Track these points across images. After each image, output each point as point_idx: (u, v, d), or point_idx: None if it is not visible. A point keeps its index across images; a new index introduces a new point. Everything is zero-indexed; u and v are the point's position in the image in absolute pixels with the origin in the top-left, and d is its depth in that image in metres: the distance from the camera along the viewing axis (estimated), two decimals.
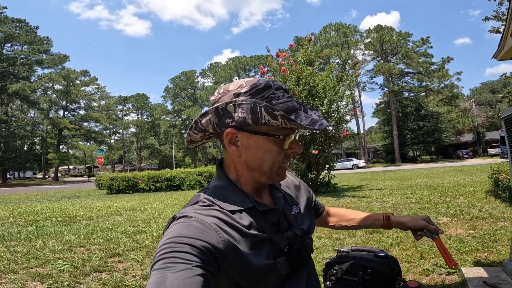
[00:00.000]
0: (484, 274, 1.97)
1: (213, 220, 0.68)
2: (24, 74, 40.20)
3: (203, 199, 0.75)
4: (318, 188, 9.56)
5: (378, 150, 49.13)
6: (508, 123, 1.87)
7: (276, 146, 0.73)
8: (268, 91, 0.72)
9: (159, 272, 0.56)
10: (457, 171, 15.16)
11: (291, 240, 0.76)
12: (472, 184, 8.37)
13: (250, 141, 0.73)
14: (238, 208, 0.73)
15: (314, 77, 9.35)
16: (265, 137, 0.72)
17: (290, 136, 0.73)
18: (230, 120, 0.71)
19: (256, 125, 0.71)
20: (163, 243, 0.62)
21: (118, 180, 14.90)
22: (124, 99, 63.36)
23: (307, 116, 0.72)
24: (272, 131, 0.72)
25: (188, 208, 0.72)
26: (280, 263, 0.72)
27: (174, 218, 0.70)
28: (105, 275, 2.90)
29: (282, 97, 0.72)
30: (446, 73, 38.73)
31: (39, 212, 7.71)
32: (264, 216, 0.76)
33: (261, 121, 0.69)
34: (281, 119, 0.68)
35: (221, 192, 0.76)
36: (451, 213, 4.72)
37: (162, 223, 5.45)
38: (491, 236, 3.25)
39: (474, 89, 61.82)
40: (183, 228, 0.64)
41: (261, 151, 0.73)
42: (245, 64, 55.21)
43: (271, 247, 0.73)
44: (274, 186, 0.85)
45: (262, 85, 0.72)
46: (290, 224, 0.80)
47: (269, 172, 0.75)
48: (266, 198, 0.82)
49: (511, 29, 2.53)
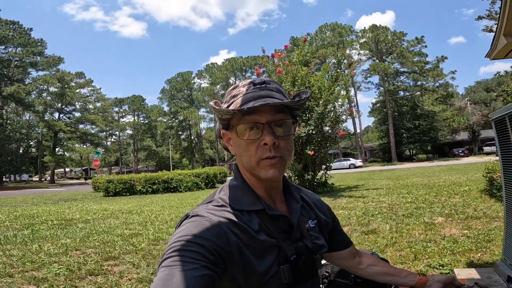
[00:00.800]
0: (476, 275, 1.98)
1: (224, 222, 0.69)
2: (19, 76, 39.94)
3: (218, 199, 0.77)
4: (314, 188, 9.58)
5: (375, 149, 49.31)
6: (498, 124, 1.89)
7: (238, 137, 0.74)
8: (236, 90, 0.76)
9: (167, 269, 0.57)
10: (452, 170, 15.26)
11: (300, 250, 0.76)
12: (468, 183, 8.43)
13: (232, 139, 0.78)
14: (248, 208, 0.74)
15: (310, 77, 9.37)
16: (233, 131, 0.75)
17: (241, 125, 0.73)
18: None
19: (226, 122, 0.77)
20: (174, 240, 0.63)
21: (115, 183, 14.83)
22: (120, 100, 63.07)
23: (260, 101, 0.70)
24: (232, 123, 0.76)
25: (202, 207, 0.75)
26: (283, 270, 0.72)
27: (187, 216, 0.72)
28: (100, 279, 2.89)
29: (246, 90, 0.74)
30: (440, 72, 39.00)
31: (35, 215, 7.67)
32: (273, 220, 0.76)
33: (218, 117, 0.76)
34: (212, 109, 0.74)
35: (235, 192, 0.78)
36: (446, 213, 4.76)
37: (159, 226, 5.44)
38: (485, 236, 3.28)
39: (468, 87, 62.20)
40: (195, 228, 0.66)
41: (237, 145, 0.76)
42: (241, 65, 55.20)
43: (278, 254, 0.73)
44: (293, 197, 0.84)
45: (232, 87, 0.79)
46: (303, 236, 0.80)
47: (250, 167, 0.75)
48: (280, 206, 0.81)
49: (503, 28, 2.54)
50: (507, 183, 1.91)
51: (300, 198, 0.87)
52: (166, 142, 58.92)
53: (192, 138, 62.06)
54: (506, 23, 2.43)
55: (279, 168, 0.73)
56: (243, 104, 0.71)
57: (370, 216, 5.01)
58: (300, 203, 0.85)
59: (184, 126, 60.54)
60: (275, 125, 0.72)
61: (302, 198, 0.89)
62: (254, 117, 0.71)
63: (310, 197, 0.95)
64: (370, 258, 1.03)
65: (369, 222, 4.56)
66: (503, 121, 1.78)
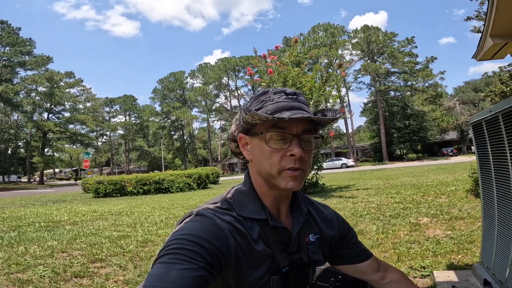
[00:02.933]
0: (454, 278, 2.01)
1: (226, 225, 0.70)
2: (7, 76, 39.23)
3: (224, 201, 0.77)
4: (305, 188, 9.64)
5: (366, 148, 49.78)
6: (476, 128, 1.93)
7: (265, 144, 0.73)
8: (265, 96, 0.76)
9: (164, 266, 0.57)
10: (441, 169, 15.50)
11: (294, 262, 0.77)
12: (454, 183, 8.58)
13: (252, 144, 0.77)
14: (252, 216, 0.75)
15: (301, 78, 9.42)
16: (257, 137, 0.75)
17: (272, 133, 0.73)
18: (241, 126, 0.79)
19: (250, 127, 0.76)
20: (175, 237, 0.63)
21: (105, 184, 14.68)
22: (111, 100, 62.36)
23: (296, 112, 0.71)
24: (258, 129, 0.75)
25: (207, 208, 0.75)
26: (273, 281, 0.73)
27: (191, 214, 0.72)
28: (86, 281, 2.88)
29: (278, 99, 0.75)
30: (430, 72, 39.61)
31: (22, 217, 7.55)
32: (274, 231, 0.76)
33: (244, 120, 0.74)
34: (248, 113, 0.70)
35: (241, 197, 0.78)
36: (431, 213, 4.84)
37: (148, 228, 5.41)
38: (467, 237, 3.33)
39: (457, 88, 63.26)
40: (198, 227, 0.66)
41: (258, 151, 0.75)
42: (234, 65, 55.10)
43: (271, 264, 0.74)
44: (299, 208, 0.84)
45: (260, 92, 0.78)
46: (300, 249, 0.81)
47: (269, 175, 0.75)
48: (285, 217, 0.82)
49: (490, 29, 2.59)
50: (484, 186, 1.96)
51: (307, 211, 0.87)
52: (158, 142, 58.50)
53: (185, 138, 61.71)
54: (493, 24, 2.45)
55: (299, 181, 0.74)
56: (275, 112, 0.71)
57: (358, 216, 5.06)
58: (305, 216, 0.85)
59: (176, 126, 60.16)
60: (303, 138, 0.74)
61: (309, 211, 0.89)
62: (287, 127, 0.72)
63: (321, 211, 0.95)
64: (396, 274, 1.00)
65: (357, 222, 4.61)
66: (480, 125, 1.82)
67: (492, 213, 1.75)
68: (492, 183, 1.71)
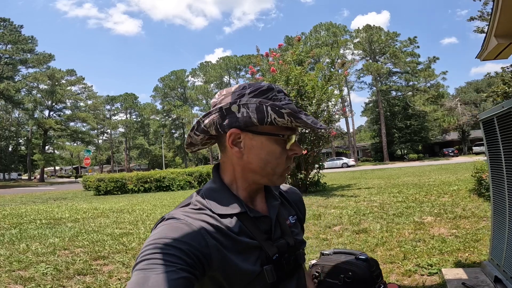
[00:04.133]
0: (463, 275, 2.00)
1: (201, 224, 0.67)
2: (8, 73, 39.20)
3: (195, 201, 0.74)
4: (307, 187, 9.62)
5: (367, 148, 49.72)
6: (487, 124, 1.91)
7: (279, 146, 0.73)
8: (271, 93, 0.73)
9: (141, 273, 0.55)
10: (442, 170, 15.46)
11: (282, 248, 0.76)
12: (457, 183, 8.54)
13: (253, 142, 0.73)
14: (229, 212, 0.73)
15: (303, 77, 9.39)
16: (269, 137, 0.72)
17: (292, 136, 0.74)
18: (234, 120, 0.72)
19: (261, 125, 0.72)
20: (148, 243, 0.61)
21: (106, 181, 14.67)
22: (112, 98, 62.36)
23: (308, 117, 0.72)
24: (275, 130, 0.72)
25: (178, 210, 0.72)
26: (266, 270, 0.71)
27: (163, 219, 0.70)
28: (89, 278, 2.86)
29: (284, 99, 0.74)
30: (432, 72, 39.51)
31: (23, 214, 7.54)
32: (255, 222, 0.75)
33: (267, 119, 0.70)
34: (287, 117, 0.68)
35: (214, 195, 0.75)
36: (435, 212, 4.81)
37: (150, 225, 5.39)
38: (473, 236, 3.32)
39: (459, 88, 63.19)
40: (170, 230, 0.64)
41: (264, 152, 0.73)
42: (236, 64, 55.04)
43: (259, 254, 0.73)
44: (271, 194, 0.84)
45: (266, 87, 0.74)
46: (283, 233, 0.79)
47: (272, 174, 0.74)
48: (261, 205, 0.81)
49: (494, 29, 2.57)
50: (494, 183, 1.93)
51: (279, 194, 0.86)
52: (159, 140, 58.49)
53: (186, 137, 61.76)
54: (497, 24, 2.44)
55: None
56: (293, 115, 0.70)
57: (361, 215, 5.04)
58: (279, 200, 0.84)
59: (177, 124, 60.14)
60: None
61: (281, 194, 0.88)
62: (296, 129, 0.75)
63: (288, 192, 0.94)
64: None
65: (360, 221, 4.58)
66: (491, 121, 1.79)
67: (503, 210, 1.72)
68: (503, 180, 1.68)
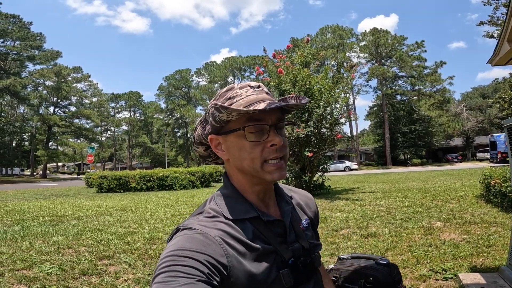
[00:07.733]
0: (481, 280, 1.96)
1: (217, 233, 0.68)
2: (15, 69, 39.54)
3: (208, 209, 0.75)
4: (311, 190, 9.55)
5: (370, 152, 49.51)
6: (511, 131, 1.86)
7: (244, 140, 0.72)
8: (231, 92, 0.76)
9: (160, 286, 0.55)
10: (447, 175, 15.33)
11: (297, 252, 0.76)
12: (463, 189, 8.45)
13: (227, 143, 0.75)
14: (242, 217, 0.73)
15: (310, 79, 9.34)
16: (233, 134, 0.73)
17: (251, 127, 0.72)
18: (209, 127, 0.77)
19: (220, 125, 0.74)
20: (165, 255, 0.61)
21: (109, 179, 14.67)
22: (117, 96, 62.65)
23: (270, 103, 0.70)
24: (234, 126, 0.73)
25: (193, 219, 0.73)
26: (283, 275, 0.71)
27: (178, 229, 0.71)
28: (95, 279, 2.81)
29: (246, 93, 0.74)
30: (438, 77, 39.26)
31: (26, 211, 7.53)
32: (268, 226, 0.75)
33: (217, 119, 0.73)
34: (224, 110, 0.69)
35: (226, 201, 0.76)
36: (443, 218, 4.74)
37: (155, 224, 5.35)
38: (485, 241, 3.27)
39: (465, 93, 62.85)
40: (187, 241, 0.63)
41: (236, 149, 0.74)
42: (241, 64, 55.07)
43: (275, 259, 0.73)
44: (283, 198, 0.84)
45: (225, 89, 0.78)
46: (298, 237, 0.79)
47: (253, 170, 0.73)
48: (273, 209, 0.81)
49: (507, 34, 2.52)
50: None
51: (291, 198, 0.87)
52: (162, 139, 58.62)
53: (189, 136, 61.78)
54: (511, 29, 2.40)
55: (284, 169, 0.75)
56: (248, 106, 0.71)
57: (368, 219, 4.97)
58: (291, 204, 0.84)
59: (180, 123, 60.27)
60: (278, 126, 0.75)
61: (293, 198, 0.89)
62: (262, 119, 0.72)
63: (301, 195, 0.95)
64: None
65: (367, 225, 4.52)
66: None
67: None
68: None
